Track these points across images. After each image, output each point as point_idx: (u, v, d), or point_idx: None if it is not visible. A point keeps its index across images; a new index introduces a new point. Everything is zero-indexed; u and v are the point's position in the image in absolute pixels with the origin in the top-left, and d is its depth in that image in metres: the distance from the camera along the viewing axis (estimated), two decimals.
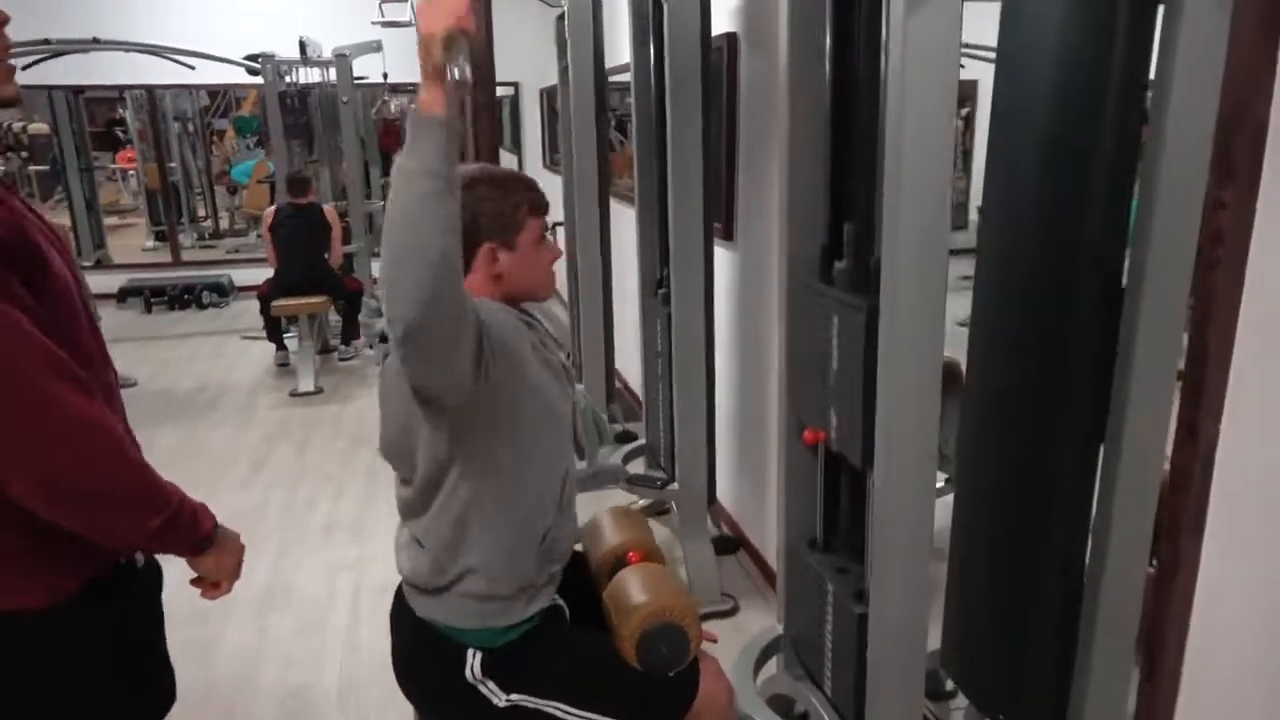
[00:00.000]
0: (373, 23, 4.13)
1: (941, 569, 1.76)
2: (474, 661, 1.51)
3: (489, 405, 1.38)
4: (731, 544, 3.26)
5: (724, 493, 3.39)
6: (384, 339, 1.57)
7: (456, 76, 1.16)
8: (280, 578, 3.19)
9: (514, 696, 1.51)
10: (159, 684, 1.49)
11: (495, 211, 1.46)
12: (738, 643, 2.25)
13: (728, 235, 3.10)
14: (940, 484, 1.65)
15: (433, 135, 1.17)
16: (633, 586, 1.63)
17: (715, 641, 1.76)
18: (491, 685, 1.51)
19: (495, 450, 1.43)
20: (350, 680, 2.57)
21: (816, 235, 1.83)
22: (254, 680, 2.62)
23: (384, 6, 3.11)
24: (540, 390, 1.46)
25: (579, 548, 1.88)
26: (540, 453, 1.48)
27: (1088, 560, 1.62)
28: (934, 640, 1.81)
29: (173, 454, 4.34)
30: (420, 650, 1.58)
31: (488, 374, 1.34)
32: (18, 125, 10.39)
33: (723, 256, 3.15)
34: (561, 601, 1.64)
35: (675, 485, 2.95)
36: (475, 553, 1.46)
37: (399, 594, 1.62)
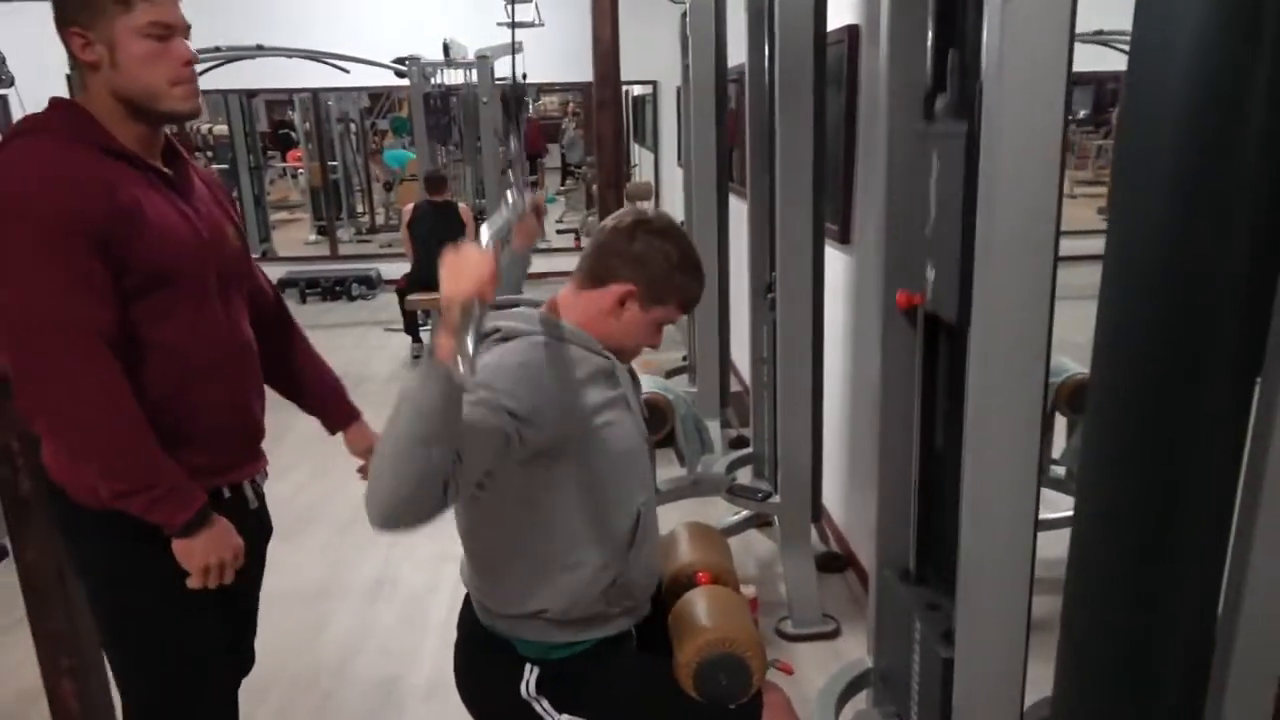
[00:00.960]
0: (498, 24, 4.17)
1: (1057, 601, 1.59)
2: (530, 677, 1.48)
3: (528, 475, 1.39)
4: (839, 561, 3.10)
5: (834, 507, 3.23)
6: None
7: (468, 353, 1.09)
8: (390, 569, 3.27)
9: (566, 718, 1.47)
10: (223, 633, 1.63)
11: (660, 271, 1.44)
12: (833, 669, 2.13)
13: (844, 239, 2.94)
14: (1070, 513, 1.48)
15: (435, 382, 1.12)
16: (697, 611, 1.55)
17: (790, 674, 1.66)
18: (545, 704, 1.48)
19: (535, 496, 1.42)
20: (440, 678, 2.59)
21: (921, 77, 1.64)
22: (350, 667, 2.69)
23: (509, 7, 3.12)
24: (604, 439, 1.42)
25: None
26: (604, 501, 1.44)
27: (1220, 608, 1.41)
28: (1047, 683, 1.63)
29: (305, 439, 4.47)
30: (478, 656, 1.56)
31: (535, 457, 1.35)
32: (205, 127, 11.29)
33: (839, 260, 3.00)
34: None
35: (776, 498, 2.83)
36: (537, 595, 1.46)
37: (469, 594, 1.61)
